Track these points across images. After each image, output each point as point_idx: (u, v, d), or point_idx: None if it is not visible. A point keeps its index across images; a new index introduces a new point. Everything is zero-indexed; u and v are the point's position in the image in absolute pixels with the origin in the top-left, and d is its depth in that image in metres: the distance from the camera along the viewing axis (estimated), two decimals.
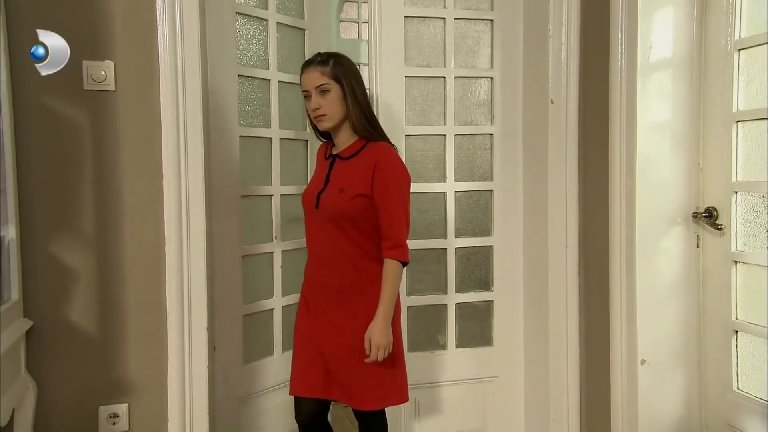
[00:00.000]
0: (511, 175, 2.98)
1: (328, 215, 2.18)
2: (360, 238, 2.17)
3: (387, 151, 2.18)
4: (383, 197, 2.14)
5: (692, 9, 2.38)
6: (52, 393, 2.14)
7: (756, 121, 2.20)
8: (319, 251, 2.25)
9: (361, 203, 2.13)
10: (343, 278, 2.21)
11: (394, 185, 2.17)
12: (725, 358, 2.32)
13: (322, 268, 2.25)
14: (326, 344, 2.21)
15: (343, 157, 2.21)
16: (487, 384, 2.99)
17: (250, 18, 2.69)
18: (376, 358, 2.11)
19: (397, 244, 2.15)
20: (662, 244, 2.44)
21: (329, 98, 2.14)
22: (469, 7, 2.96)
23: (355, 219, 2.15)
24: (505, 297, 2.99)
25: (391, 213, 2.17)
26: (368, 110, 2.23)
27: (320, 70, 2.14)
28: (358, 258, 2.19)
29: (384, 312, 2.12)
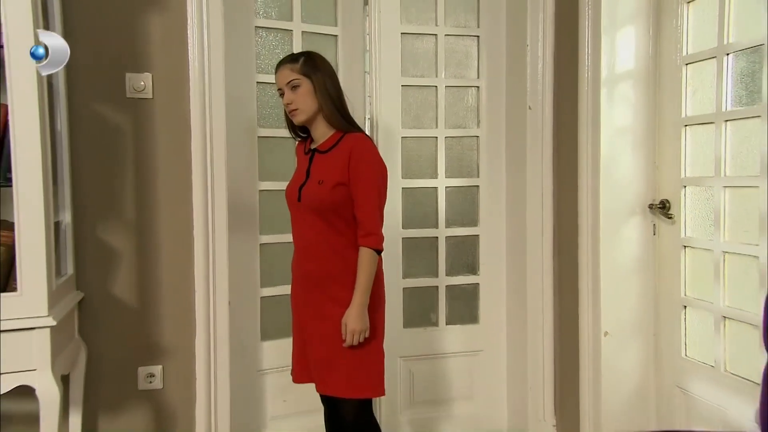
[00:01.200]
0: (495, 172, 3.12)
1: (309, 207, 2.15)
2: (344, 228, 2.14)
3: (361, 141, 2.15)
4: (356, 185, 2.11)
5: (648, 29, 2.57)
6: (100, 354, 2.35)
7: (701, 125, 2.39)
8: (303, 243, 2.21)
9: (341, 192, 2.10)
10: (326, 268, 2.17)
11: (366, 174, 2.12)
12: (675, 329, 2.50)
13: (305, 259, 2.21)
14: (310, 333, 2.19)
15: (322, 150, 2.18)
16: (473, 357, 3.13)
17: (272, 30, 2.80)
18: (351, 342, 2.07)
19: (369, 232, 2.11)
20: (623, 232, 2.62)
21: (300, 92, 2.12)
22: (458, 24, 3.09)
23: (336, 208, 2.12)
24: (489, 280, 3.13)
25: (364, 201, 2.12)
26: (340, 103, 2.18)
27: (290, 67, 2.14)
28: (341, 247, 2.15)
29: (359, 298, 2.08)
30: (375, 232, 2.10)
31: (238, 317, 2.66)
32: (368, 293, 2.09)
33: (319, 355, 2.14)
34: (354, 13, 2.94)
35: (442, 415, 3.09)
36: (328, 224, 2.12)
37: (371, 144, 2.17)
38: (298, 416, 2.84)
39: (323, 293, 2.15)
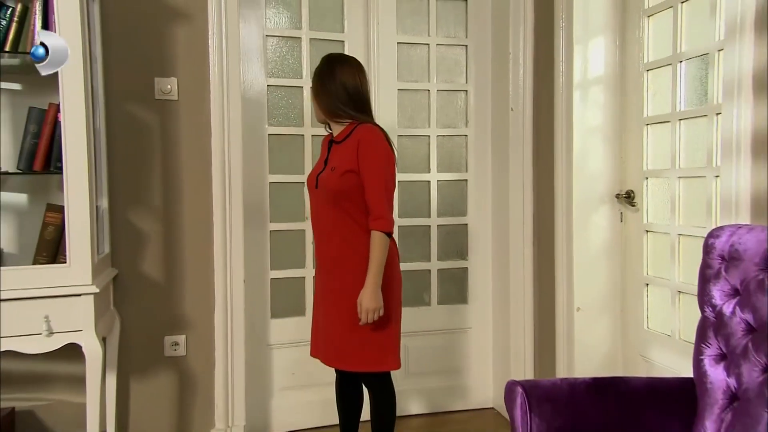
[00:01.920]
0: (481, 167, 3.23)
1: (324, 193, 2.18)
2: (359, 215, 2.15)
3: (369, 130, 2.17)
4: (365, 173, 2.12)
5: (615, 39, 2.70)
6: (131, 324, 2.51)
7: (659, 124, 2.53)
8: (319, 227, 2.24)
9: (351, 179, 2.12)
10: (339, 250, 2.18)
11: (373, 162, 2.13)
12: (639, 304, 2.64)
13: (322, 241, 2.24)
14: (325, 311, 2.22)
15: (337, 141, 2.22)
16: (462, 333, 3.25)
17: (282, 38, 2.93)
18: (366, 320, 2.08)
19: (378, 216, 2.11)
20: (593, 219, 2.76)
21: (312, 98, 2.25)
22: (448, 35, 3.21)
23: (347, 194, 2.13)
24: (477, 264, 3.25)
25: (372, 187, 2.12)
26: (331, 101, 2.18)
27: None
28: (352, 233, 2.16)
29: (372, 279, 2.07)
30: (383, 216, 2.10)
31: (249, 296, 2.76)
32: (380, 274, 2.08)
33: (332, 332, 2.17)
34: (358, 23, 3.04)
35: (434, 386, 3.18)
36: (341, 210, 2.14)
37: (378, 133, 2.17)
38: (304, 389, 2.95)
39: (332, 275, 2.19)
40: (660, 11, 2.47)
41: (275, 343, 2.92)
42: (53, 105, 2.08)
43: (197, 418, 2.62)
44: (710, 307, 1.65)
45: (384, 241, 2.09)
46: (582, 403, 1.64)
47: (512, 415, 1.60)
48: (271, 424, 2.91)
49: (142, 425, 2.56)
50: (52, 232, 2.09)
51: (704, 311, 1.68)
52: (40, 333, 1.92)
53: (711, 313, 1.65)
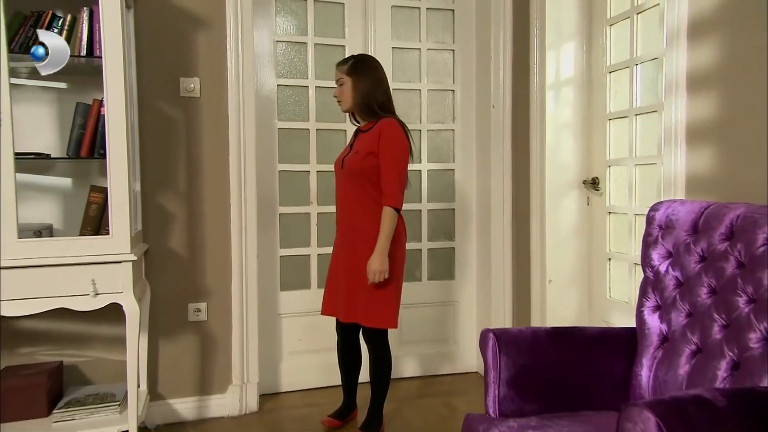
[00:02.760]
0: (467, 158, 3.36)
1: (348, 172, 2.42)
2: (373, 191, 2.37)
3: (391, 123, 2.39)
4: (382, 157, 2.34)
5: (582, 45, 2.86)
6: (159, 293, 2.66)
7: (619, 119, 2.68)
8: (342, 203, 2.47)
9: (371, 161, 2.35)
10: (357, 223, 2.40)
11: (390, 148, 2.34)
12: (602, 277, 2.81)
13: (343, 215, 2.47)
14: (347, 274, 2.42)
15: (363, 130, 2.48)
16: (449, 306, 3.39)
17: (290, 43, 3.06)
18: (374, 280, 2.31)
19: (390, 194, 2.33)
20: (563, 203, 2.90)
21: (343, 89, 2.44)
22: (437, 41, 3.32)
23: (367, 173, 2.36)
24: (462, 244, 3.39)
25: (388, 169, 2.34)
26: (372, 98, 2.41)
27: (340, 68, 2.46)
28: (371, 207, 2.38)
29: (381, 246, 2.30)
30: (394, 194, 2.33)
31: (261, 271, 2.91)
32: (388, 243, 2.31)
33: (349, 290, 2.40)
34: (357, 30, 3.16)
35: (425, 352, 3.33)
36: (362, 187, 2.38)
37: (397, 125, 2.39)
38: (309, 353, 3.11)
39: (355, 243, 2.40)
40: (620, 21, 2.65)
41: (284, 313, 3.08)
42: (97, 100, 2.26)
43: (217, 375, 2.77)
44: (650, 267, 1.90)
45: (393, 215, 2.33)
46: (542, 346, 1.86)
47: (485, 356, 1.84)
48: (281, 383, 3.08)
49: (170, 380, 2.70)
50: (95, 209, 2.30)
51: (645, 272, 1.92)
52: (88, 294, 2.12)
53: (650, 273, 1.90)
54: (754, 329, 1.51)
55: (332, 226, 2.78)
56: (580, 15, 2.87)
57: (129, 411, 2.20)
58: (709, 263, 1.70)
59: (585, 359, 1.87)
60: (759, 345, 1.49)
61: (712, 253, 1.70)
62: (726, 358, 1.56)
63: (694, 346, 1.69)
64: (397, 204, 2.34)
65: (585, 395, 1.83)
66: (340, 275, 2.46)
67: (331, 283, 2.53)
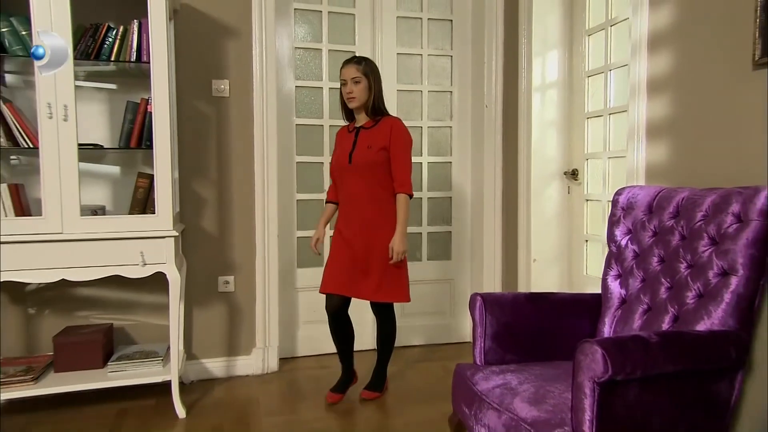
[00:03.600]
0: (462, 152, 3.53)
1: (360, 166, 2.49)
2: (385, 180, 2.50)
3: (398, 121, 2.54)
4: (395, 150, 2.48)
5: (564, 52, 3.03)
6: (193, 267, 2.87)
7: (596, 117, 2.86)
8: (354, 196, 2.52)
9: (382, 155, 2.48)
10: (373, 211, 2.50)
11: (402, 142, 2.50)
12: (580, 256, 3.00)
13: (357, 208, 2.51)
14: (364, 256, 2.50)
15: (366, 127, 2.54)
16: (446, 283, 3.58)
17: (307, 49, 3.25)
18: (397, 259, 2.47)
19: (404, 182, 2.49)
20: (547, 191, 3.08)
21: (359, 87, 2.48)
22: (437, 47, 3.48)
23: (381, 164, 2.48)
24: (459, 228, 3.55)
25: (400, 161, 2.50)
26: (381, 99, 2.55)
27: (356, 66, 2.49)
28: (383, 196, 2.50)
29: (401, 228, 2.48)
30: (408, 183, 2.51)
31: (281, 249, 3.10)
32: (406, 225, 2.50)
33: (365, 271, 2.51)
34: (366, 37, 3.34)
35: (426, 324, 3.51)
36: (374, 177, 2.49)
37: (403, 124, 2.55)
38: (323, 323, 3.04)
39: (371, 229, 2.50)
40: (596, 32, 2.85)
41: (301, 287, 3.29)
42: (144, 99, 2.50)
43: (243, 339, 2.99)
44: (614, 243, 2.15)
45: (408, 201, 2.52)
46: (521, 307, 2.09)
47: (473, 315, 2.10)
48: (298, 348, 3.30)
49: (203, 343, 2.92)
50: (142, 193, 2.56)
51: (610, 246, 2.17)
52: (137, 264, 2.39)
53: (614, 247, 2.15)
54: (690, 289, 1.77)
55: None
56: (563, 26, 3.06)
57: (171, 364, 2.46)
58: (659, 237, 1.96)
59: (557, 319, 2.11)
60: (693, 301, 1.76)
61: (662, 228, 1.95)
62: (669, 313, 1.82)
63: (645, 306, 1.94)
64: (410, 191, 2.51)
65: (556, 348, 2.07)
66: (357, 258, 2.52)
67: (336, 266, 2.56)
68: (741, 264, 1.66)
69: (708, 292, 1.72)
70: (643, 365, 1.47)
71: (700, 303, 1.73)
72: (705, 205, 1.81)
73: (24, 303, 2.70)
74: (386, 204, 2.52)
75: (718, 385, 1.64)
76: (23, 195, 2.48)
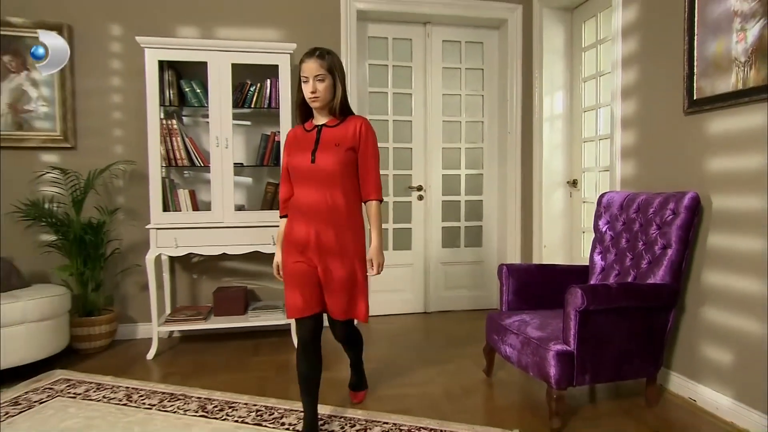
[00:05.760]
0: (491, 166, 3.96)
1: (323, 166, 1.89)
2: (346, 186, 1.92)
3: (366, 121, 1.99)
4: (364, 153, 1.94)
5: (567, 93, 3.52)
6: None
7: (590, 142, 3.35)
8: (314, 205, 1.90)
9: (351, 155, 1.92)
10: (345, 216, 1.91)
11: (372, 143, 1.96)
12: (579, 244, 3.49)
13: (322, 211, 1.90)
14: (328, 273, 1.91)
15: (330, 125, 1.95)
16: (478, 265, 4.02)
17: (377, 93, 3.77)
18: (379, 271, 1.95)
19: (377, 188, 1.98)
20: (554, 196, 3.56)
21: (323, 85, 1.89)
22: (472, 89, 3.89)
23: (348, 166, 1.91)
24: (488, 223, 4.00)
25: (372, 164, 1.96)
26: (346, 97, 1.97)
27: (319, 62, 1.87)
28: (353, 199, 1.95)
29: (378, 239, 1.95)
30: (380, 187, 1.99)
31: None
32: (381, 234, 1.98)
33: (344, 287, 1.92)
34: (419, 83, 3.85)
35: (461, 296, 3.99)
36: (344, 181, 1.91)
37: (370, 124, 2.01)
38: (388, 292, 3.78)
39: (341, 237, 1.91)
40: (590, 79, 3.37)
41: None
42: (273, 132, 3.18)
43: None
44: (597, 230, 2.73)
45: (380, 208, 2.00)
46: (533, 273, 2.69)
47: (500, 278, 2.69)
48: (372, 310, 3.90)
49: None
50: (269, 195, 3.24)
51: (595, 233, 2.73)
52: (269, 243, 3.07)
53: (598, 234, 2.73)
54: (644, 258, 2.39)
55: None
56: (565, 74, 3.57)
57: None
58: (627, 226, 2.57)
59: (558, 281, 2.68)
60: (646, 266, 2.37)
61: (628, 220, 2.56)
62: (631, 274, 2.44)
63: (617, 271, 2.55)
64: (381, 197, 2.01)
65: (556, 300, 2.60)
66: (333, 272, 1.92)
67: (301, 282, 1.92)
68: (674, 241, 2.28)
69: (655, 259, 2.34)
70: (606, 301, 2.11)
71: (649, 267, 2.35)
72: (654, 204, 2.43)
73: (190, 271, 3.46)
74: (357, 209, 1.97)
75: (657, 317, 2.26)
76: (195, 197, 3.25)
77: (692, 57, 2.30)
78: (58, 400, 2.43)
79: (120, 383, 2.62)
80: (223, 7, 3.38)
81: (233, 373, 2.77)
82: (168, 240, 3.00)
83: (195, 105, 3.14)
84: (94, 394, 2.50)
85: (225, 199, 3.06)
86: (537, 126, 3.63)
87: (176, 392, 2.50)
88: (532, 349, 2.21)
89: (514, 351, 2.35)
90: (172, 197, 3.09)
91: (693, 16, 2.28)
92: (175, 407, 2.34)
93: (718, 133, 2.23)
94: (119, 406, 2.36)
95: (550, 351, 2.11)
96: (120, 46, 3.26)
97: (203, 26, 3.35)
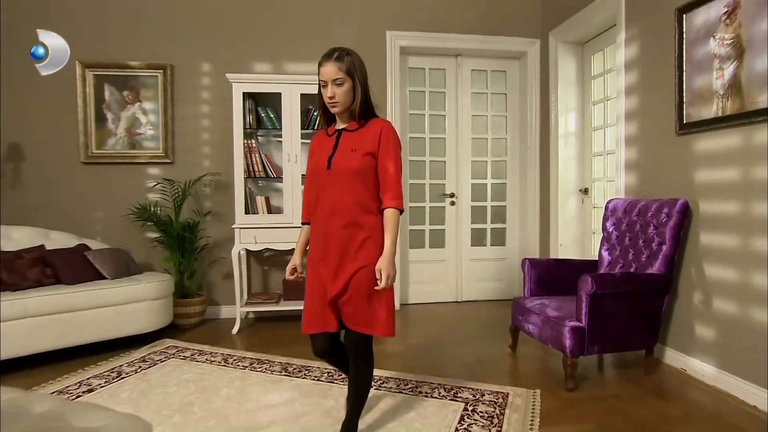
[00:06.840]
0: (513, 177, 4.25)
1: (340, 172, 1.72)
2: (363, 192, 1.72)
3: (389, 124, 1.79)
4: (386, 157, 1.73)
5: (579, 114, 3.80)
6: None
7: (599, 156, 3.63)
8: (329, 206, 1.74)
9: (369, 161, 1.72)
10: (364, 224, 1.72)
11: (394, 149, 1.75)
12: (590, 243, 3.76)
13: (330, 220, 1.73)
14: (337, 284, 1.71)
15: (350, 129, 1.78)
16: (501, 261, 4.31)
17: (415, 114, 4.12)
18: (386, 285, 1.66)
19: (397, 195, 1.74)
20: (568, 202, 3.83)
21: (342, 90, 1.71)
22: (497, 111, 4.19)
23: (363, 173, 1.72)
24: (511, 226, 4.28)
25: (393, 170, 1.74)
26: (368, 99, 1.78)
27: (337, 65, 1.70)
28: (373, 207, 1.74)
29: (390, 249, 1.68)
30: (401, 196, 1.75)
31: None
32: (395, 246, 1.71)
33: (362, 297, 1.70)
34: (452, 105, 4.18)
35: (487, 287, 4.29)
36: (362, 188, 1.73)
37: (393, 127, 1.80)
38: (424, 284, 4.16)
39: (359, 245, 1.72)
40: (599, 102, 3.67)
41: (412, 260, 4.23)
42: None
43: None
44: (605, 230, 3.06)
45: (398, 218, 1.75)
46: (552, 266, 3.03)
47: (523, 269, 3.04)
48: (409, 298, 4.18)
49: None
50: None
51: (603, 233, 3.06)
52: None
53: (605, 233, 3.06)
54: (644, 254, 2.73)
55: None
56: (578, 98, 3.87)
57: None
58: (629, 227, 2.90)
59: (572, 272, 2.97)
60: (645, 260, 2.71)
61: (630, 222, 2.89)
62: (633, 267, 2.77)
63: (621, 264, 2.88)
64: (402, 206, 1.77)
65: (571, 289, 2.88)
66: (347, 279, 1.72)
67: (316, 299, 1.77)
68: (668, 239, 2.62)
69: (652, 254, 2.68)
70: (612, 287, 2.46)
71: (648, 260, 2.69)
72: (652, 209, 2.77)
73: (261, 264, 3.90)
74: (377, 216, 1.76)
75: (654, 301, 2.60)
76: (269, 202, 3.70)
77: (682, 89, 2.64)
78: (173, 360, 2.89)
79: (216, 350, 3.08)
80: (291, 46, 3.82)
81: (304, 345, 3.16)
82: (249, 237, 3.45)
83: (269, 127, 3.60)
84: (199, 357, 2.95)
85: (294, 203, 3.50)
86: (553, 142, 3.92)
87: (261, 358, 2.93)
88: (551, 325, 2.57)
89: (535, 328, 2.71)
90: (251, 202, 3.54)
91: (682, 56, 2.63)
92: (263, 368, 2.76)
93: (704, 151, 2.56)
94: (220, 366, 2.80)
95: (565, 326, 2.47)
96: (209, 79, 3.75)
97: (275, 62, 3.81)
